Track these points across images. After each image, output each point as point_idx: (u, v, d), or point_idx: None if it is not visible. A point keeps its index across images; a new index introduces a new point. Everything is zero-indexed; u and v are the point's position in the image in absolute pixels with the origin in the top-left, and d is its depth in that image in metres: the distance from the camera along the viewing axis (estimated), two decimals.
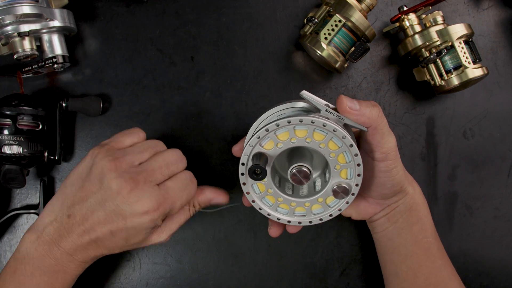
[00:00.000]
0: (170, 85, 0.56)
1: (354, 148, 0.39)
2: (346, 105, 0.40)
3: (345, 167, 0.41)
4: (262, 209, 0.43)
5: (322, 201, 0.43)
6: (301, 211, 0.43)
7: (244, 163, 0.41)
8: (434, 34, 0.51)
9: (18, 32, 0.48)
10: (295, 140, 0.40)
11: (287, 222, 0.44)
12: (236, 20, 0.57)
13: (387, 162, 0.43)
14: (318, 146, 0.40)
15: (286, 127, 0.39)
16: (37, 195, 0.54)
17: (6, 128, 0.48)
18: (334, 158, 0.40)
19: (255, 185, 0.42)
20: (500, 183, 0.58)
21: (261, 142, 0.40)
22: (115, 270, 0.55)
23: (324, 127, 0.38)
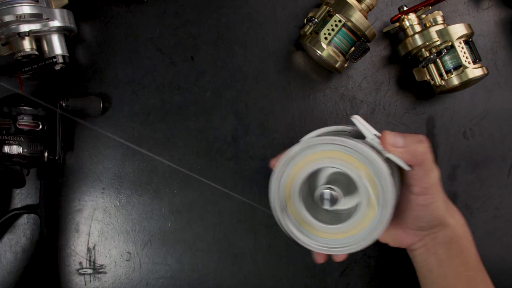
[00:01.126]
0: (170, 85, 0.56)
1: (387, 178, 0.37)
2: (388, 142, 0.38)
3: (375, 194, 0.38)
4: (300, 240, 0.40)
5: (356, 228, 0.39)
6: (334, 239, 0.40)
7: (273, 201, 0.39)
8: (434, 34, 0.51)
9: (18, 32, 0.48)
10: (329, 161, 0.38)
11: (318, 250, 0.40)
12: (236, 20, 0.57)
13: (426, 196, 0.41)
14: (351, 171, 0.38)
15: (324, 145, 0.38)
16: (37, 195, 0.54)
17: (6, 128, 0.48)
18: (366, 185, 0.38)
19: (291, 216, 0.40)
20: (500, 183, 0.58)
21: (295, 159, 0.39)
22: (115, 270, 0.55)
23: (360, 152, 0.37)
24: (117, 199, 0.55)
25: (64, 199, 0.55)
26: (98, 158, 0.55)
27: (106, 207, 0.55)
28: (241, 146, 0.56)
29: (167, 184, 0.55)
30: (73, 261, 0.55)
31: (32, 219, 0.55)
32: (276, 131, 0.56)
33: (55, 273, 0.55)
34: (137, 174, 0.55)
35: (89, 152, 0.55)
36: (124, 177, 0.55)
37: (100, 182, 0.55)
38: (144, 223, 0.55)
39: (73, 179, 0.55)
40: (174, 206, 0.55)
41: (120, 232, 0.55)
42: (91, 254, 0.55)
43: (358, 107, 0.57)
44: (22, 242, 0.54)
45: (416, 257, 0.48)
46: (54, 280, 0.55)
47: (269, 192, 0.40)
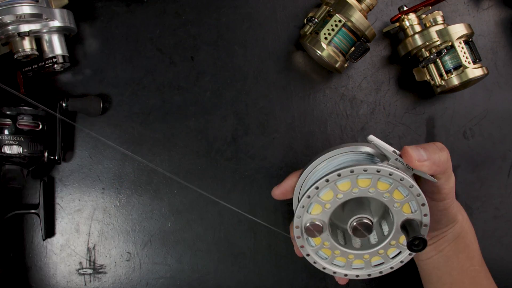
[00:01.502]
0: (170, 85, 0.56)
1: (422, 197, 0.36)
2: (414, 158, 0.37)
3: (410, 215, 0.37)
4: (317, 263, 0.40)
5: (383, 253, 0.39)
6: (359, 264, 0.40)
7: (300, 216, 0.37)
8: (434, 34, 0.51)
9: (18, 32, 0.48)
10: (357, 190, 0.36)
11: (343, 275, 0.40)
12: (236, 20, 0.57)
13: (446, 201, 0.41)
14: (382, 196, 0.36)
15: (348, 177, 0.35)
16: (37, 195, 0.54)
17: (6, 128, 0.48)
18: (399, 208, 0.37)
19: (310, 240, 0.39)
20: (500, 183, 0.58)
21: (319, 193, 0.37)
22: (115, 270, 0.55)
23: (390, 176, 0.35)
24: (117, 199, 0.55)
25: (64, 199, 0.55)
26: (98, 158, 0.55)
27: (106, 207, 0.55)
28: (241, 146, 0.56)
29: (167, 184, 0.55)
30: (73, 261, 0.55)
31: (32, 219, 0.55)
32: (276, 131, 0.56)
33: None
34: (137, 174, 0.55)
35: (89, 152, 0.55)
36: (124, 177, 0.55)
37: (100, 182, 0.55)
38: (144, 223, 0.55)
39: (73, 179, 0.55)
40: (174, 206, 0.55)
41: (120, 232, 0.55)
42: (91, 254, 0.55)
43: (358, 107, 0.57)
44: (22, 242, 0.54)
45: (421, 255, 0.47)
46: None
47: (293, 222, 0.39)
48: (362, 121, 0.57)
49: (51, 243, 0.55)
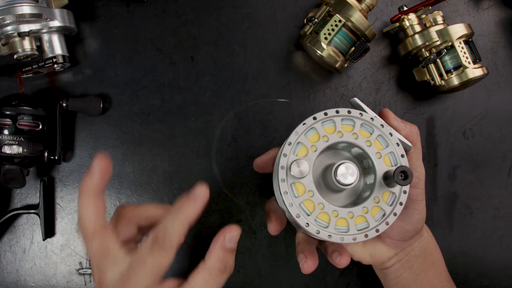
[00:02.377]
0: (170, 85, 0.56)
1: (401, 147, 0.38)
2: (391, 116, 0.40)
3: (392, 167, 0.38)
4: (300, 217, 0.36)
5: (367, 213, 0.37)
6: (342, 226, 0.37)
7: (287, 154, 0.37)
8: (434, 34, 0.51)
9: (18, 32, 0.48)
10: (341, 134, 0.38)
11: (327, 236, 0.37)
12: (236, 20, 0.57)
13: (418, 190, 0.41)
14: (364, 143, 0.38)
15: (333, 119, 0.37)
16: (37, 195, 0.54)
17: (6, 128, 0.48)
18: (381, 159, 0.38)
19: (293, 186, 0.37)
20: (500, 183, 0.58)
21: (306, 133, 0.37)
22: None
23: (371, 121, 0.38)
24: (117, 199, 0.55)
25: (64, 199, 0.55)
26: None
27: (106, 207, 0.55)
28: (241, 146, 0.56)
29: (167, 184, 0.55)
30: (73, 261, 0.55)
31: (32, 219, 0.55)
32: (276, 131, 0.56)
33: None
34: (137, 174, 0.55)
35: (89, 152, 0.55)
36: (124, 177, 0.55)
37: None
38: None
39: (73, 179, 0.55)
40: None
41: None
42: None
43: None
44: (22, 242, 0.54)
45: (390, 274, 0.46)
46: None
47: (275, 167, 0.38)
48: None
49: (51, 243, 0.55)
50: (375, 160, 0.38)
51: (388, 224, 0.37)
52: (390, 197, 0.38)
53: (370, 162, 0.38)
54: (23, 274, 0.54)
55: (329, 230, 0.37)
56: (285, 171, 0.37)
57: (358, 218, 0.37)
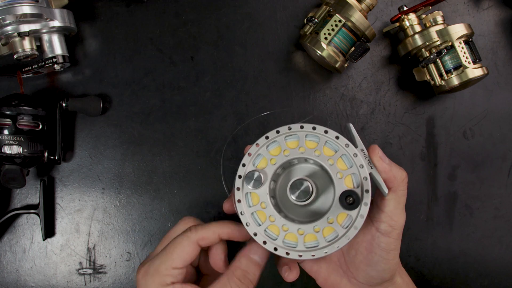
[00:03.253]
0: (170, 85, 0.56)
1: (364, 169, 0.36)
2: (377, 153, 0.37)
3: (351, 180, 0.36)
4: (249, 226, 0.36)
5: (334, 222, 0.36)
6: (312, 241, 0.36)
7: (246, 164, 0.37)
8: (434, 34, 0.51)
9: (18, 32, 0.48)
10: (303, 150, 0.36)
11: (298, 256, 0.36)
12: (236, 20, 0.57)
13: (390, 239, 0.38)
14: (327, 160, 0.36)
15: (296, 134, 0.36)
16: (37, 195, 0.54)
17: (6, 128, 0.48)
18: (342, 179, 0.36)
19: (249, 196, 0.37)
20: (500, 183, 0.58)
21: (268, 146, 0.37)
22: (115, 270, 0.55)
23: (336, 139, 0.36)
24: (117, 199, 0.55)
25: (64, 199, 0.55)
26: (98, 158, 0.55)
27: (106, 207, 0.55)
28: (241, 146, 0.56)
29: (167, 184, 0.55)
30: (73, 261, 0.55)
31: (32, 219, 0.55)
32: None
33: None
34: (137, 174, 0.55)
35: (89, 152, 0.55)
36: (124, 177, 0.55)
37: (100, 182, 0.55)
38: (144, 223, 0.55)
39: (73, 179, 0.55)
40: (174, 206, 0.55)
41: (120, 232, 0.55)
42: (91, 254, 0.55)
43: (358, 107, 0.57)
44: (22, 242, 0.54)
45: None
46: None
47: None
48: (362, 121, 0.57)
49: (51, 243, 0.55)
50: (335, 179, 0.36)
51: (338, 247, 0.35)
52: (346, 220, 0.36)
53: (330, 181, 0.37)
54: (23, 274, 0.54)
55: (276, 243, 0.36)
56: (241, 180, 0.37)
57: (308, 236, 0.36)
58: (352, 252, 0.41)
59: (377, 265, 0.39)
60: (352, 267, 0.41)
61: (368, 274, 0.40)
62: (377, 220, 0.38)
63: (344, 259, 0.42)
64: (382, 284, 0.41)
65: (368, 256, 0.39)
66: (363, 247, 0.39)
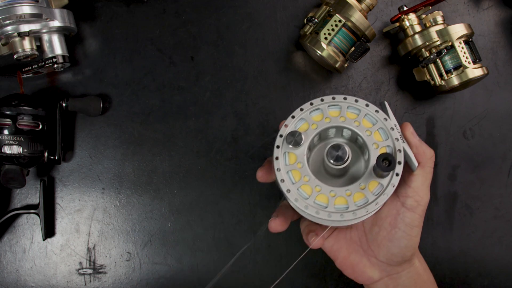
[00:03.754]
0: (170, 85, 0.56)
1: (400, 142, 0.38)
2: (409, 129, 0.40)
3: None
4: (298, 201, 0.37)
5: (365, 188, 0.37)
6: (342, 204, 0.37)
7: (288, 125, 0.39)
8: (434, 34, 0.51)
9: (18, 32, 0.48)
10: (343, 119, 0.39)
11: (327, 216, 0.37)
12: (236, 20, 0.57)
13: (414, 214, 0.39)
14: (364, 131, 0.38)
15: (339, 103, 0.39)
16: (37, 195, 0.54)
17: (6, 128, 0.48)
18: (377, 149, 0.38)
19: (290, 173, 0.38)
20: (500, 183, 0.58)
21: (311, 112, 0.39)
22: (115, 270, 0.55)
23: (376, 113, 0.38)
24: (117, 199, 0.55)
25: (64, 199, 0.55)
26: (98, 158, 0.55)
27: (106, 207, 0.55)
28: (241, 146, 0.56)
29: (167, 184, 0.55)
30: (73, 261, 0.55)
31: (32, 219, 0.55)
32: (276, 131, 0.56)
33: None
34: (137, 174, 0.55)
35: (89, 152, 0.55)
36: (124, 177, 0.55)
37: (100, 182, 0.55)
38: (144, 223, 0.55)
39: (73, 179, 0.55)
40: (174, 206, 0.55)
41: (120, 232, 0.55)
42: (91, 254, 0.55)
43: None
44: (22, 242, 0.54)
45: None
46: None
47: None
48: None
49: (51, 243, 0.55)
50: (371, 149, 0.38)
51: (367, 212, 0.36)
52: (377, 188, 0.37)
53: (366, 151, 0.39)
54: (23, 274, 0.54)
55: (308, 202, 0.37)
56: (282, 139, 0.39)
57: (339, 199, 0.37)
58: (376, 228, 0.42)
59: (400, 241, 0.40)
60: (374, 245, 0.42)
61: (390, 251, 0.41)
62: (403, 195, 0.40)
63: (365, 237, 0.43)
64: (401, 264, 0.42)
65: (391, 232, 0.40)
66: (387, 222, 0.41)
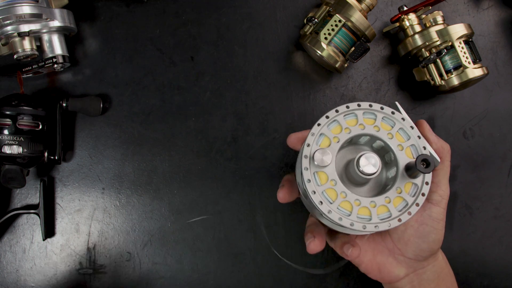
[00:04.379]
0: (170, 85, 0.56)
1: (422, 140, 0.38)
2: (426, 127, 0.40)
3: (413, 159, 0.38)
4: (323, 204, 0.37)
5: (402, 191, 0.37)
6: (364, 215, 0.37)
7: (310, 144, 0.38)
8: (434, 34, 0.51)
9: (18, 32, 0.48)
10: (362, 127, 0.38)
11: (349, 225, 0.36)
12: (236, 20, 0.57)
13: (440, 208, 0.40)
14: (386, 135, 0.38)
15: (355, 111, 0.38)
16: (37, 195, 0.54)
17: (6, 128, 0.48)
18: (403, 151, 0.38)
19: (316, 175, 0.38)
20: (500, 183, 0.58)
21: (329, 125, 0.39)
22: (115, 270, 0.55)
23: (392, 115, 0.38)
24: (117, 199, 0.55)
25: (64, 199, 0.55)
26: (98, 158, 0.55)
27: (106, 207, 0.55)
28: (241, 146, 0.56)
29: (167, 184, 0.55)
30: (73, 261, 0.55)
31: (32, 219, 0.55)
32: (276, 131, 0.56)
33: None
34: (137, 174, 0.55)
35: (89, 152, 0.55)
36: (124, 177, 0.55)
37: (100, 182, 0.55)
38: (144, 223, 0.55)
39: (73, 179, 0.55)
40: (174, 206, 0.55)
41: (120, 232, 0.55)
42: (91, 254, 0.55)
43: None
44: (22, 242, 0.54)
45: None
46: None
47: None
48: None
49: (51, 243, 0.55)
50: (397, 152, 0.38)
51: (411, 214, 0.37)
52: (412, 188, 0.37)
53: (392, 154, 0.38)
54: (23, 274, 0.54)
55: (351, 218, 0.36)
56: (308, 160, 0.37)
57: (380, 208, 0.37)
58: (401, 227, 0.42)
59: (428, 236, 0.40)
60: (401, 244, 0.42)
61: (418, 247, 0.41)
62: (429, 191, 0.39)
63: (390, 237, 0.43)
64: (427, 259, 0.42)
65: (419, 228, 0.40)
66: (413, 219, 0.41)
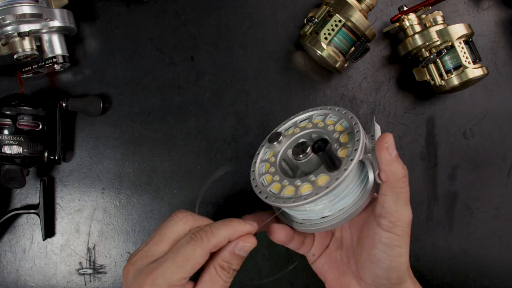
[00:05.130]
0: (170, 85, 0.56)
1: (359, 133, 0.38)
2: (385, 141, 0.36)
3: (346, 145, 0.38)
4: (257, 186, 0.41)
5: (314, 180, 0.38)
6: (307, 190, 0.37)
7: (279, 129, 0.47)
8: (434, 34, 0.51)
9: (18, 32, 0.48)
10: (322, 125, 0.42)
11: (264, 198, 0.39)
12: (236, 20, 0.57)
13: (391, 234, 0.37)
14: (333, 134, 0.40)
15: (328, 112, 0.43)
16: (37, 195, 0.54)
17: (6, 128, 0.48)
18: (339, 149, 0.38)
19: (264, 178, 0.42)
20: (500, 183, 0.58)
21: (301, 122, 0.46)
22: (115, 270, 0.55)
23: (350, 118, 0.40)
24: (117, 199, 0.55)
25: (64, 199, 0.55)
26: (98, 158, 0.55)
27: (106, 207, 0.55)
28: (241, 146, 0.56)
29: (167, 184, 0.55)
30: (73, 261, 0.55)
31: (32, 219, 0.55)
32: None
33: None
34: (137, 174, 0.55)
35: (89, 152, 0.55)
36: (124, 177, 0.55)
37: (100, 182, 0.55)
38: (144, 223, 0.55)
39: (73, 179, 0.55)
40: (174, 206, 0.55)
41: (120, 232, 0.55)
42: (91, 254, 0.55)
43: (358, 107, 0.57)
44: (22, 242, 0.54)
45: None
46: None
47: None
48: (362, 121, 0.57)
49: (51, 243, 0.55)
50: (331, 141, 0.39)
51: (328, 188, 0.36)
52: (327, 181, 0.37)
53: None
54: (23, 274, 0.54)
55: (277, 197, 0.39)
56: (266, 140, 0.45)
57: (305, 187, 0.37)
58: (359, 248, 0.41)
59: (381, 262, 0.38)
60: (360, 266, 0.41)
61: (373, 272, 0.39)
62: (379, 215, 0.38)
63: (354, 259, 0.42)
64: (392, 286, 0.39)
65: (371, 252, 0.38)
66: (367, 243, 0.39)
